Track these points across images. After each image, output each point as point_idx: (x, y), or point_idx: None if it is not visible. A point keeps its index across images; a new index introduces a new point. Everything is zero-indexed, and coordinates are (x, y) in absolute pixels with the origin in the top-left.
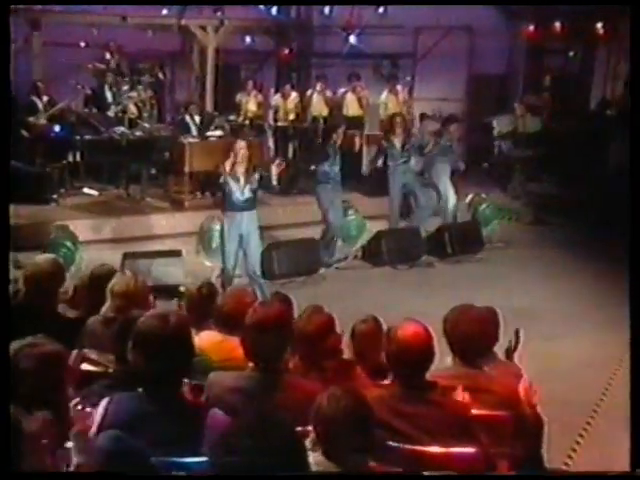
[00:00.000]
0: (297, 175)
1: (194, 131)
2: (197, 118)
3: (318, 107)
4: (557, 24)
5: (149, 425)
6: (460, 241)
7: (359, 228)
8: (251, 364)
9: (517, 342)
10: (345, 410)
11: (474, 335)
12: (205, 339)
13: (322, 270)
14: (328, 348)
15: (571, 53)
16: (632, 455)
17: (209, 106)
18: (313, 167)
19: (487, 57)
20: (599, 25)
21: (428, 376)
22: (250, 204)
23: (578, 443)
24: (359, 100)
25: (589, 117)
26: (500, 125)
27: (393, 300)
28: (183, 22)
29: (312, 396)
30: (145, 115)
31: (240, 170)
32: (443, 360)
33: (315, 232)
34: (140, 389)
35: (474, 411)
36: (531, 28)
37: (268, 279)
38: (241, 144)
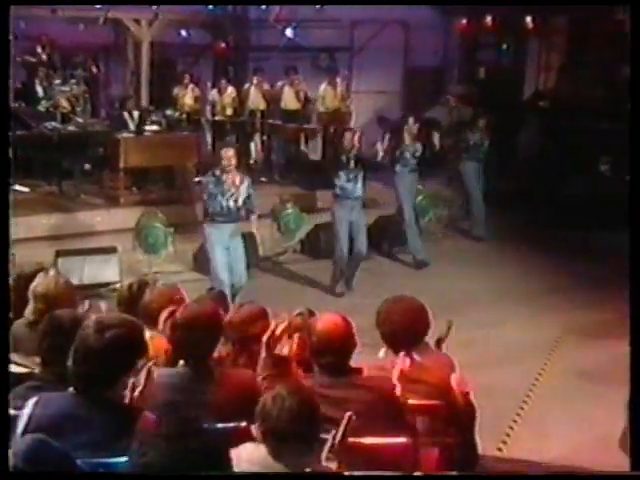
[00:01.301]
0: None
1: (132, 127)
2: (135, 113)
3: (255, 101)
4: (488, 18)
5: (79, 426)
6: (397, 232)
7: (297, 222)
8: (181, 361)
9: (448, 333)
10: (290, 410)
11: (405, 326)
12: None
13: (260, 264)
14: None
15: (504, 46)
16: (632, 455)
17: (145, 101)
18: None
19: (422, 50)
20: (528, 19)
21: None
22: (236, 215)
23: (512, 429)
24: (297, 93)
25: (522, 108)
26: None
27: (331, 292)
28: (117, 15)
29: (245, 388)
30: (78, 110)
31: (228, 179)
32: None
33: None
34: (70, 389)
35: (411, 401)
36: (464, 22)
37: (206, 274)
38: (229, 152)
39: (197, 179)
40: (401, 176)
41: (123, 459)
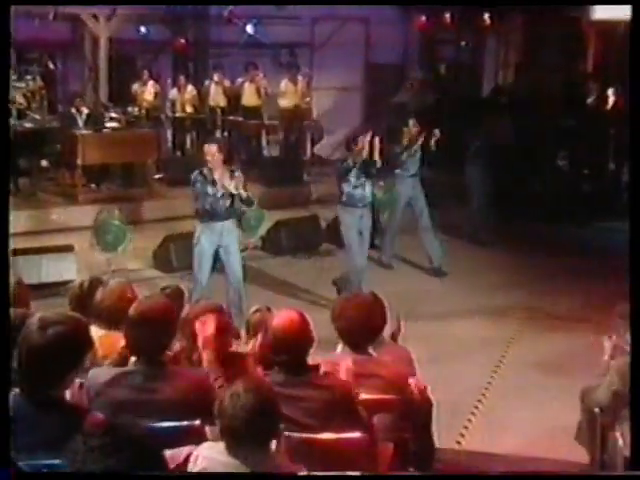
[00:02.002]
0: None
1: (81, 124)
2: (84, 110)
3: (216, 97)
4: (447, 15)
5: (25, 428)
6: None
7: (258, 218)
8: (134, 358)
9: (399, 326)
10: (246, 407)
11: (359, 321)
12: None
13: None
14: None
15: (462, 43)
16: (632, 455)
17: (103, 97)
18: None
19: (383, 47)
20: (486, 16)
21: (311, 361)
22: (227, 213)
23: (470, 421)
24: (257, 90)
25: (480, 103)
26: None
27: (293, 289)
28: (74, 11)
29: (199, 387)
30: (34, 106)
31: (216, 176)
32: None
33: None
34: (16, 390)
35: (364, 396)
36: (423, 19)
37: (167, 272)
38: (212, 149)
39: (157, 176)
40: (401, 180)
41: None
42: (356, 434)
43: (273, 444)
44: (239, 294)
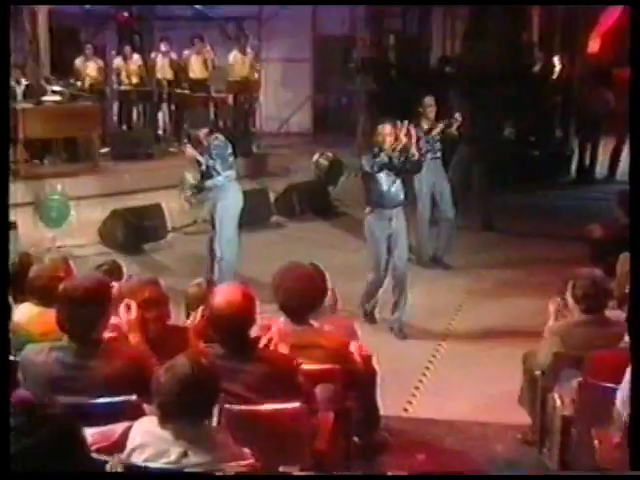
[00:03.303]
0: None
1: (20, 96)
2: (23, 82)
3: (162, 70)
4: None
5: None
6: (308, 200)
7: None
8: (66, 336)
9: (334, 298)
10: (181, 380)
11: (298, 292)
12: (23, 312)
13: (170, 236)
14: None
15: (409, 15)
16: (632, 455)
17: (45, 70)
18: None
19: (330, 19)
20: None
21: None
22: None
23: (417, 389)
24: (204, 62)
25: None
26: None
27: (243, 261)
28: None
29: (135, 362)
30: None
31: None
32: None
33: (160, 197)
34: None
35: (305, 367)
36: None
37: (114, 248)
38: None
39: (103, 150)
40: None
41: None
42: (295, 405)
43: (211, 418)
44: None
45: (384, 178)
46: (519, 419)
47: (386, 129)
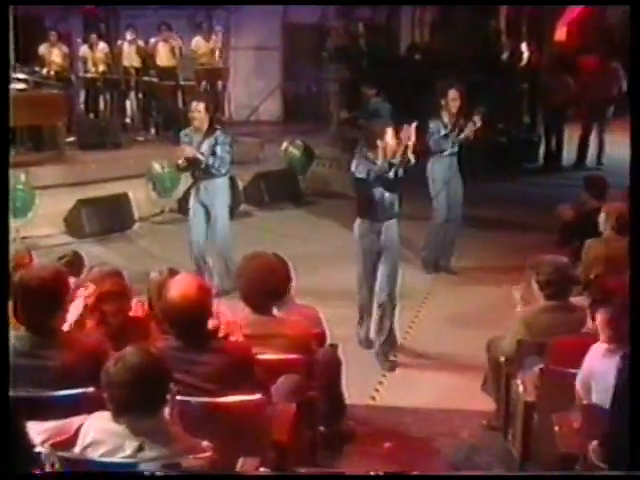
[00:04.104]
0: None
1: None
2: None
3: (129, 57)
4: None
5: None
6: (277, 189)
7: (173, 180)
8: (23, 325)
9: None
10: (130, 371)
11: (258, 283)
12: None
13: (137, 226)
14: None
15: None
16: (632, 455)
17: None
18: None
19: (300, 7)
20: None
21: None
22: (213, 172)
23: (385, 376)
24: (171, 50)
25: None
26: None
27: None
28: None
29: (92, 352)
30: None
31: (198, 135)
32: None
33: (127, 187)
34: None
35: (268, 357)
36: None
37: (80, 238)
38: (198, 106)
39: (69, 139)
40: (437, 159)
41: None
42: (255, 396)
43: (164, 410)
44: (225, 259)
45: (378, 188)
46: (485, 406)
47: (388, 132)
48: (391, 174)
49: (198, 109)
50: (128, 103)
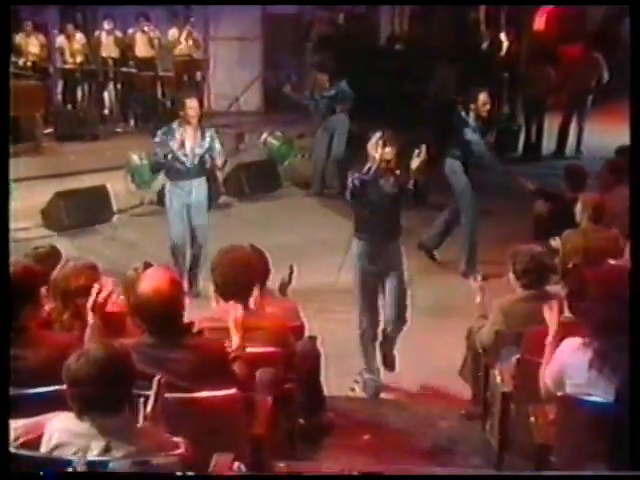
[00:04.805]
0: None
1: None
2: None
3: (107, 48)
4: None
5: None
6: (257, 180)
7: (152, 172)
8: None
9: (290, 278)
10: (93, 368)
11: (232, 276)
12: None
13: (115, 218)
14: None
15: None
16: (632, 455)
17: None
18: None
19: None
20: None
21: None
22: (199, 171)
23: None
24: (149, 40)
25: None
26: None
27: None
28: None
29: (63, 351)
30: None
31: (188, 132)
32: None
33: (105, 178)
34: None
35: (248, 350)
36: None
37: (58, 231)
38: (192, 103)
39: (47, 130)
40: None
41: None
42: (231, 391)
43: (128, 406)
44: (200, 255)
45: (376, 202)
46: (464, 396)
47: (376, 139)
48: (386, 188)
49: (193, 105)
50: (106, 94)
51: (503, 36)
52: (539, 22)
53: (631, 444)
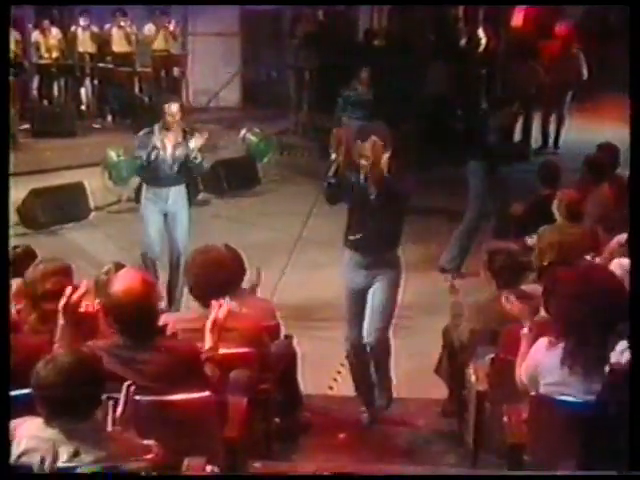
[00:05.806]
0: None
1: None
2: None
3: (84, 43)
4: None
5: None
6: (236, 176)
7: (130, 169)
8: None
9: (258, 279)
10: (60, 372)
11: (205, 278)
12: None
13: (93, 215)
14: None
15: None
16: (632, 455)
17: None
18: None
19: None
20: None
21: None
22: (178, 178)
23: (343, 365)
24: (126, 36)
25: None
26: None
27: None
28: None
29: (35, 354)
30: None
31: (170, 138)
32: None
33: (82, 175)
34: None
35: (222, 350)
36: None
37: (34, 229)
38: (171, 108)
39: (22, 127)
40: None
41: None
42: (204, 393)
43: (95, 410)
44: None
45: (361, 205)
46: (440, 394)
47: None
48: (373, 196)
49: (172, 112)
50: (83, 90)
51: (481, 32)
52: (517, 18)
53: (631, 444)
